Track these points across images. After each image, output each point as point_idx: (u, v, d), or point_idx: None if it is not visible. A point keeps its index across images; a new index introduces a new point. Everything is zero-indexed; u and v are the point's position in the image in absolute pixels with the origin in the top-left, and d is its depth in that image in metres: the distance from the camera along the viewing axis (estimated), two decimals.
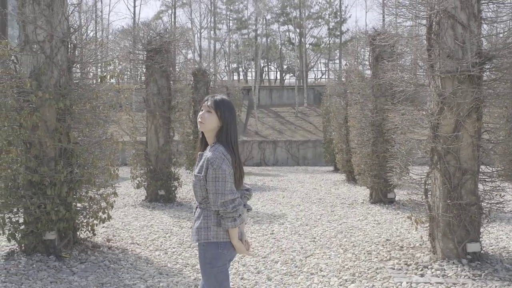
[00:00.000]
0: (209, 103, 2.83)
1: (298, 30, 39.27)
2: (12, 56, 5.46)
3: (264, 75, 45.21)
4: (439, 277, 4.91)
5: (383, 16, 33.93)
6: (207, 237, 2.80)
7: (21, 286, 4.64)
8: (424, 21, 5.53)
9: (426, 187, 5.62)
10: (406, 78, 5.52)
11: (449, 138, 5.24)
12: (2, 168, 5.35)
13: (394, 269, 5.22)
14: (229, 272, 5.16)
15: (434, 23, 5.23)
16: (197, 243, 2.86)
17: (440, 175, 5.35)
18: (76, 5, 5.57)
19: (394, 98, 8.67)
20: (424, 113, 5.43)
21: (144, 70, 10.14)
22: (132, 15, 39.94)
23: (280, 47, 45.81)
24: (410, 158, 6.00)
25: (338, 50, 42.69)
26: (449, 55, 5.16)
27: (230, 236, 2.80)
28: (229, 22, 44.30)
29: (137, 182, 10.09)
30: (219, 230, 2.80)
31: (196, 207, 2.91)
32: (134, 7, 48.64)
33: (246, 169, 20.42)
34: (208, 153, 2.79)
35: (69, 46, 5.71)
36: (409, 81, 5.48)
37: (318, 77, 47.74)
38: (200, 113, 2.85)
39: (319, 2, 43.15)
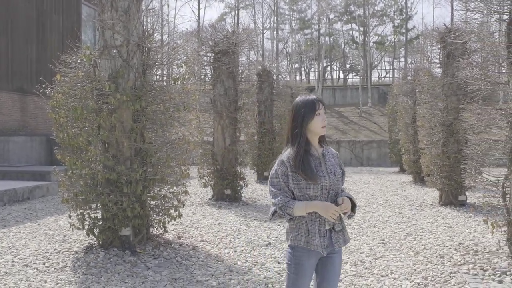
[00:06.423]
0: (323, 107, 2.88)
1: (362, 29, 38.65)
2: (92, 61, 5.75)
3: (326, 75, 44.86)
4: None
5: (452, 12, 32.75)
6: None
7: (100, 279, 4.88)
8: (498, 16, 5.30)
9: (505, 189, 5.37)
10: (482, 76, 5.31)
11: None
12: (82, 166, 5.66)
13: (469, 274, 5.04)
14: None
15: None
16: (338, 247, 2.88)
17: None
18: (149, 10, 5.79)
19: (466, 97, 8.36)
20: (502, 112, 5.20)
21: (211, 72, 10.35)
22: (197, 18, 40.87)
23: (343, 46, 45.29)
24: (486, 159, 5.77)
25: (403, 48, 41.61)
26: None
27: None
28: (291, 22, 44.32)
29: (204, 181, 10.31)
30: None
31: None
32: (199, 9, 49.62)
33: None
34: (332, 152, 2.96)
35: (144, 50, 5.94)
36: (486, 79, 5.26)
37: (382, 76, 46.79)
38: (325, 120, 2.88)
39: None
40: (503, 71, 5.40)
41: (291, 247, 2.87)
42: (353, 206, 2.86)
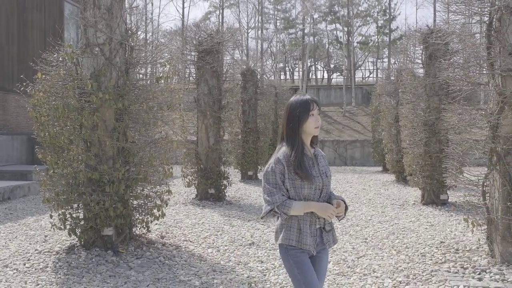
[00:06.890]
0: (317, 107, 2.85)
1: (346, 29, 38.86)
2: (74, 59, 5.69)
3: (311, 75, 45.01)
4: (498, 281, 4.76)
5: (434, 14, 33.10)
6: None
7: (82, 279, 4.84)
8: (479, 18, 5.38)
9: (484, 188, 5.45)
10: (464, 77, 5.37)
11: (510, 139, 5.06)
12: (64, 165, 5.59)
13: (450, 272, 5.11)
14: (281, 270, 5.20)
15: (494, 19, 5.07)
16: (329, 247, 2.94)
17: (499, 176, 5.18)
18: (133, 8, 5.75)
19: (448, 97, 8.46)
20: (482, 112, 5.27)
21: (195, 71, 10.31)
22: (181, 17, 40.65)
23: (327, 46, 45.50)
24: (467, 158, 5.85)
25: (387, 49, 41.97)
26: (511, 53, 4.99)
27: None
28: (276, 22, 44.35)
29: (188, 181, 10.27)
30: None
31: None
32: (183, 8, 49.29)
33: None
34: (321, 153, 2.97)
35: (127, 48, 5.89)
36: (466, 79, 5.33)
37: (366, 76, 47.14)
38: (319, 121, 2.86)
39: (368, 0, 42.53)
40: (483, 72, 5.48)
41: (282, 247, 2.84)
42: (345, 209, 2.91)
